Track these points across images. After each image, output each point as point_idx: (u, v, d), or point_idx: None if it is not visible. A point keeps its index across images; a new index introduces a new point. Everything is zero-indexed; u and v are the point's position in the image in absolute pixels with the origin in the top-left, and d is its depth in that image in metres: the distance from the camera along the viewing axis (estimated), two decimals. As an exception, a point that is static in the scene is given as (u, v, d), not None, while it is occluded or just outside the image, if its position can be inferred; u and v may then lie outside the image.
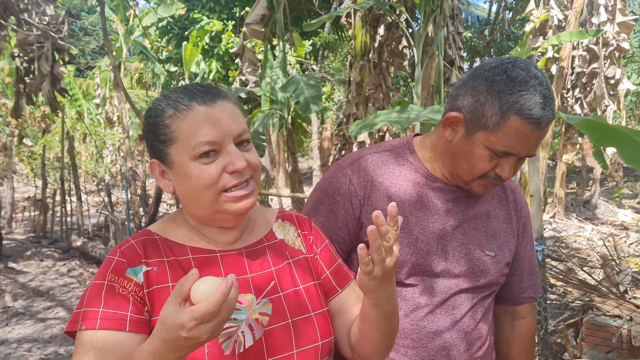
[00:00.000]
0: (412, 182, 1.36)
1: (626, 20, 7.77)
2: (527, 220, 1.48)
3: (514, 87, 1.17)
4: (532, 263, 1.51)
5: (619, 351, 3.77)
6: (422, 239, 1.34)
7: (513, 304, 1.52)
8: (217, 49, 13.25)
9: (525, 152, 1.22)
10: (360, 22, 5.87)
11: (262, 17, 6.57)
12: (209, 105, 1.03)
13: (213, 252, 1.10)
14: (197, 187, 1.03)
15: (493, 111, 1.19)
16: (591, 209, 10.24)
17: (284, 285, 1.12)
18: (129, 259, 1.04)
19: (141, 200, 6.50)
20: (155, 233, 1.11)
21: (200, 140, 1.01)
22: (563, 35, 7.46)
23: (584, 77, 8.17)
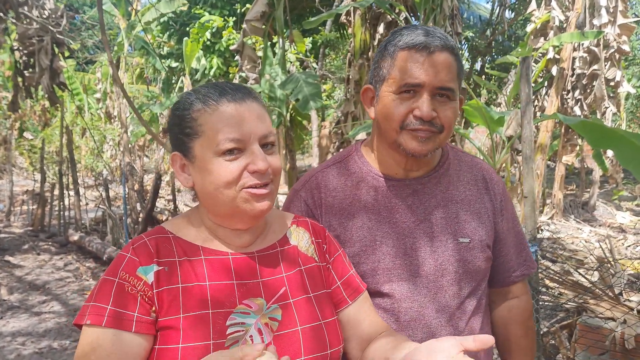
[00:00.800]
0: (365, 187, 1.36)
1: (627, 23, 7.75)
2: (504, 196, 1.43)
3: (395, 34, 1.26)
4: (518, 239, 1.47)
5: (612, 353, 3.76)
6: (387, 242, 1.31)
7: (505, 285, 1.47)
8: (218, 45, 13.25)
9: (428, 79, 1.21)
10: (360, 21, 5.86)
11: (262, 14, 6.55)
12: (237, 103, 1.04)
13: (225, 254, 1.10)
14: (216, 184, 1.02)
15: (384, 60, 1.27)
16: (590, 211, 10.22)
17: (294, 292, 1.12)
18: (140, 258, 1.04)
19: (138, 196, 6.50)
20: (169, 231, 1.11)
21: (225, 137, 1.01)
22: (564, 36, 7.45)
23: (585, 78, 8.16)
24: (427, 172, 1.37)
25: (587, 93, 8.21)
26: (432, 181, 1.36)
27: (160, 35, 15.50)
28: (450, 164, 1.40)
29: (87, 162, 14.33)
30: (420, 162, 1.34)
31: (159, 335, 1.02)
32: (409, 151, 1.27)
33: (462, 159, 1.44)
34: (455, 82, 1.25)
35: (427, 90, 1.22)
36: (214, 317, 1.02)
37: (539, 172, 8.69)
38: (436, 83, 1.21)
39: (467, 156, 1.46)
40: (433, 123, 1.24)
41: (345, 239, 1.32)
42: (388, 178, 1.35)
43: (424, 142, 1.25)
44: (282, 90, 5.92)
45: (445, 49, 1.22)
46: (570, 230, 8.79)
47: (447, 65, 1.22)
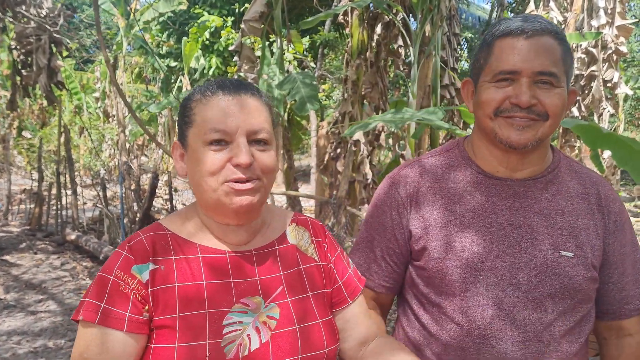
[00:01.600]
0: (463, 182, 1.29)
1: (625, 24, 7.75)
2: (620, 217, 1.29)
3: (493, 25, 1.23)
4: (636, 267, 1.30)
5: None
6: (478, 242, 1.23)
7: (617, 318, 1.31)
8: (217, 45, 13.24)
9: (525, 64, 1.15)
10: (357, 21, 5.86)
11: (260, 15, 6.55)
12: (231, 96, 1.05)
13: (222, 252, 1.10)
14: (201, 173, 1.04)
15: (482, 51, 1.24)
16: (588, 212, 10.22)
17: (292, 291, 1.12)
18: (136, 256, 1.04)
19: (135, 195, 6.50)
20: (166, 228, 1.11)
21: (212, 127, 1.03)
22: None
23: (583, 79, 8.15)
24: (533, 174, 1.27)
25: (586, 94, 8.21)
26: (538, 185, 1.26)
27: (159, 35, 15.50)
28: (560, 171, 1.30)
29: (85, 162, 14.32)
30: (525, 162, 1.25)
31: (154, 334, 1.02)
32: (504, 141, 1.18)
33: (575, 169, 1.33)
34: (559, 66, 1.16)
35: (525, 76, 1.15)
36: (210, 316, 1.02)
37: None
38: (535, 67, 1.14)
39: (582, 168, 1.35)
40: (533, 110, 1.16)
41: (433, 232, 1.26)
42: (488, 176, 1.28)
43: (522, 130, 1.16)
44: (279, 90, 5.91)
45: (545, 32, 1.15)
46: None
47: (547, 48, 1.15)
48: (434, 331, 1.27)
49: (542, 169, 1.29)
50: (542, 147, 1.26)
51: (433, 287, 1.28)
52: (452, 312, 1.24)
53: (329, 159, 6.77)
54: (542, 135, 1.20)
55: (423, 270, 1.29)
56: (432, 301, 1.28)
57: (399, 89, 15.28)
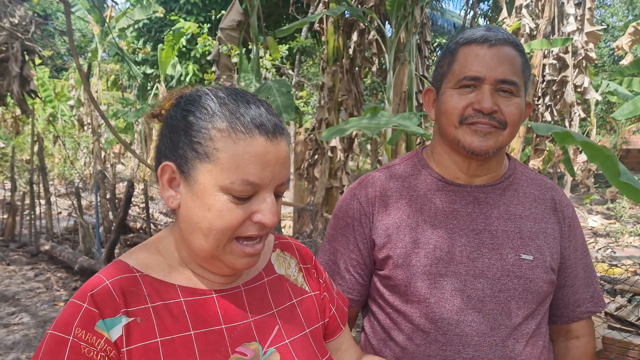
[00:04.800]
0: (423, 190, 1.30)
1: (594, 30, 7.94)
2: (574, 222, 1.32)
3: (456, 35, 1.26)
4: (588, 272, 1.34)
5: (580, 355, 3.83)
6: (441, 248, 1.23)
7: (568, 321, 1.33)
8: (193, 52, 13.20)
9: (488, 72, 1.17)
10: (332, 28, 5.90)
11: (238, 23, 6.56)
12: (270, 141, 0.85)
13: (209, 293, 0.93)
14: (212, 223, 0.85)
15: (445, 58, 1.25)
16: (562, 215, 10.40)
17: (289, 330, 0.98)
18: (102, 308, 0.83)
19: (111, 204, 6.43)
20: (135, 268, 0.90)
21: (243, 178, 0.83)
22: (534, 43, 7.59)
23: (554, 85, 8.32)
24: (492, 180, 1.30)
25: (557, 99, 8.38)
26: (496, 191, 1.29)
27: (135, 42, 15.38)
28: (517, 177, 1.33)
29: (60, 170, 14.12)
30: (484, 168, 1.28)
31: None
32: (468, 147, 1.20)
33: (530, 175, 1.36)
34: (519, 76, 1.19)
35: (488, 83, 1.17)
36: None
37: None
38: (498, 75, 1.17)
39: (536, 174, 1.39)
40: (494, 117, 1.18)
41: (396, 240, 1.27)
42: (449, 182, 1.29)
43: (485, 137, 1.19)
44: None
45: (507, 42, 1.19)
46: (542, 234, 8.92)
47: (509, 58, 1.18)
48: (400, 340, 1.27)
49: (500, 175, 1.32)
50: (500, 154, 1.29)
51: (398, 295, 1.27)
52: (418, 319, 1.24)
53: (307, 166, 6.79)
54: (502, 143, 1.22)
55: (388, 279, 1.28)
56: (398, 310, 1.28)
57: (376, 95, 15.39)
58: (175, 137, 0.88)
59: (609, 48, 16.28)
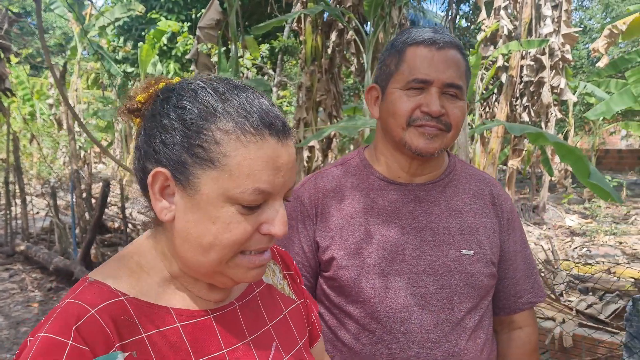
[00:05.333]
0: (365, 189, 1.31)
1: (570, 32, 8.05)
2: (512, 215, 1.36)
3: (402, 33, 1.25)
4: (528, 263, 1.38)
5: (552, 352, 3.89)
6: (385, 247, 1.25)
7: (511, 313, 1.36)
8: (174, 50, 13.11)
9: (437, 75, 1.19)
10: (310, 28, 5.90)
11: (217, 22, 6.54)
12: (281, 142, 0.75)
13: (205, 314, 0.83)
14: (217, 237, 0.75)
15: (392, 57, 1.24)
16: (540, 214, 10.54)
17: (285, 346, 0.91)
18: (92, 344, 0.69)
19: (87, 204, 6.36)
20: (119, 291, 0.76)
21: (255, 186, 0.73)
22: (512, 44, 7.67)
23: (532, 86, 8.42)
24: (432, 178, 1.32)
25: (535, 100, 8.48)
26: (437, 189, 1.31)
27: (115, 40, 15.24)
28: (456, 174, 1.35)
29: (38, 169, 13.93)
30: (425, 167, 1.29)
31: None
32: (414, 149, 1.21)
33: (469, 171, 1.39)
34: (463, 80, 1.23)
35: (436, 86, 1.19)
36: None
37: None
38: (445, 79, 1.19)
39: (475, 170, 1.41)
40: (441, 120, 1.20)
41: (340, 241, 1.27)
42: (390, 182, 1.30)
43: (432, 140, 1.21)
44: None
45: (453, 45, 1.21)
46: (520, 233, 9.02)
47: (455, 61, 1.20)
48: (347, 341, 1.27)
49: (440, 172, 1.33)
50: (441, 154, 1.31)
51: (344, 296, 1.27)
52: (363, 319, 1.24)
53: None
54: (446, 145, 1.25)
55: (333, 281, 1.28)
56: (344, 310, 1.28)
57: (358, 95, 15.44)
58: (168, 138, 0.75)
59: (587, 50, 16.52)
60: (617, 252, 7.73)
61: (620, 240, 8.51)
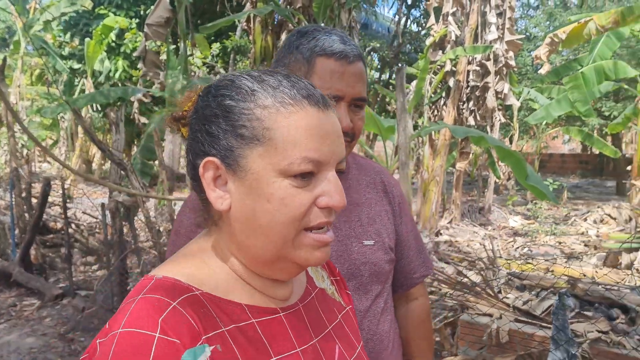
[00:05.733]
0: None
1: (514, 39, 8.35)
2: (402, 199, 1.43)
3: (307, 37, 1.22)
4: (418, 241, 1.46)
5: (489, 348, 4.02)
6: None
7: (407, 289, 1.45)
8: (123, 47, 12.82)
9: (347, 89, 1.20)
10: (260, 28, 5.90)
11: (166, 20, 6.45)
12: (321, 110, 0.75)
13: (276, 312, 0.81)
14: (275, 216, 0.73)
15: (298, 64, 1.22)
16: (485, 215, 10.86)
17: (347, 349, 0.89)
18: (182, 335, 0.67)
19: (26, 203, 6.14)
20: (191, 286, 0.74)
21: (304, 155, 0.72)
22: (458, 50, 7.89)
23: (477, 90, 8.67)
24: None
25: (480, 104, 8.74)
26: None
27: (61, 35, 14.76)
28: (349, 167, 1.38)
29: (-23, 168, 13.34)
30: None
31: None
32: None
33: (359, 162, 1.42)
34: (366, 90, 1.26)
35: (345, 101, 1.20)
36: None
37: (438, 178, 9.14)
38: (355, 94, 1.20)
39: (364, 159, 1.45)
40: (348, 133, 1.22)
41: None
42: None
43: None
44: (182, 95, 5.83)
45: (359, 58, 1.22)
46: (467, 234, 9.29)
47: (362, 75, 1.22)
48: None
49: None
50: None
51: None
52: None
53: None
54: (348, 153, 1.31)
55: None
56: None
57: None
58: (212, 127, 0.75)
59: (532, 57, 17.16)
60: (557, 251, 8.06)
61: (560, 240, 8.88)
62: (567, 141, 23.16)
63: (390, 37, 15.03)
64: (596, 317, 4.14)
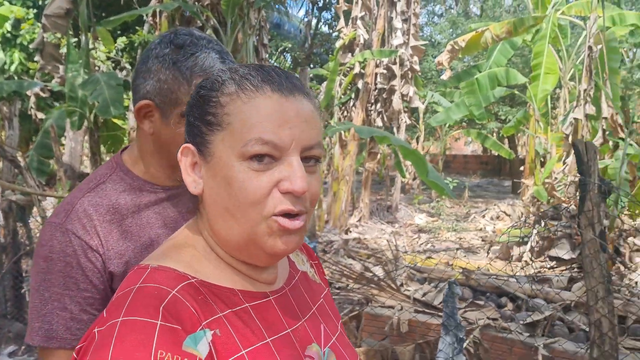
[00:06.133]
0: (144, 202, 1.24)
1: (418, 45, 8.75)
2: None
3: (185, 52, 1.15)
4: None
5: (391, 338, 4.22)
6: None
7: None
8: (20, 39, 12.00)
9: None
10: (167, 23, 5.79)
11: (66, 11, 6.14)
12: (284, 96, 0.76)
13: (266, 295, 0.84)
14: (237, 199, 0.75)
15: (178, 83, 1.15)
16: (393, 213, 11.29)
17: (330, 328, 0.93)
18: (183, 322, 0.69)
19: None
20: (187, 274, 0.77)
21: (257, 136, 0.74)
22: (366, 53, 8.15)
23: (385, 93, 9.00)
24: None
25: (387, 106, 9.07)
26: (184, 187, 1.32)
27: (-53, 23, 13.57)
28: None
29: None
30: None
31: None
32: None
33: None
34: None
35: None
36: None
37: (348, 178, 9.38)
38: None
39: None
40: None
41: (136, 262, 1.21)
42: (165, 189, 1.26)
43: None
44: (82, 90, 5.59)
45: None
46: (375, 232, 9.61)
47: None
48: None
49: None
50: None
51: None
52: None
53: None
54: None
55: None
56: None
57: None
58: (190, 116, 0.82)
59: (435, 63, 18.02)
60: (457, 246, 8.55)
61: (460, 236, 9.42)
62: (470, 143, 24.52)
63: (302, 38, 15.22)
64: (487, 305, 4.47)
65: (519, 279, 4.79)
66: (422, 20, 21.39)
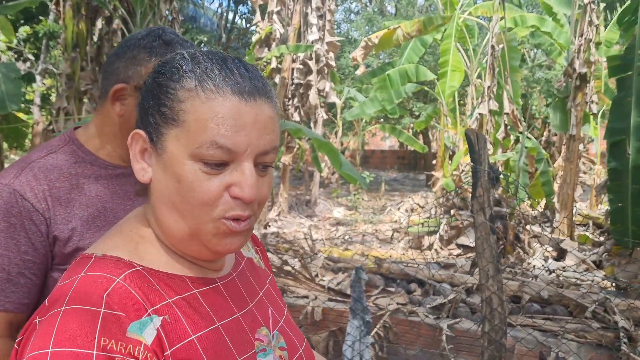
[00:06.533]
0: (94, 176, 1.27)
1: (333, 41, 8.90)
2: None
3: (173, 49, 1.23)
4: None
5: (306, 326, 4.30)
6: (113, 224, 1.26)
7: None
8: None
9: None
10: (72, 12, 5.53)
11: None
12: (245, 100, 0.74)
13: (214, 281, 0.84)
14: (186, 198, 0.75)
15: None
16: (312, 207, 11.43)
17: (277, 311, 0.95)
18: (127, 309, 0.69)
19: None
20: (132, 262, 0.77)
21: (212, 139, 0.72)
22: (282, 48, 8.19)
23: (301, 88, 9.08)
24: None
25: (304, 101, 9.17)
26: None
27: None
28: None
29: None
30: None
31: None
32: None
33: None
34: None
35: None
36: None
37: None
38: None
39: None
40: None
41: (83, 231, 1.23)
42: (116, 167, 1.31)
43: None
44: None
45: None
46: (294, 225, 9.70)
47: None
48: None
49: None
50: None
51: None
52: None
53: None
54: None
55: None
56: None
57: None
58: (145, 102, 0.78)
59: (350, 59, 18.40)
60: (373, 238, 8.81)
61: (376, 228, 9.71)
62: (387, 138, 25.22)
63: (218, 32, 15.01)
64: (397, 291, 4.67)
65: (427, 265, 5.03)
66: (339, 17, 21.75)
